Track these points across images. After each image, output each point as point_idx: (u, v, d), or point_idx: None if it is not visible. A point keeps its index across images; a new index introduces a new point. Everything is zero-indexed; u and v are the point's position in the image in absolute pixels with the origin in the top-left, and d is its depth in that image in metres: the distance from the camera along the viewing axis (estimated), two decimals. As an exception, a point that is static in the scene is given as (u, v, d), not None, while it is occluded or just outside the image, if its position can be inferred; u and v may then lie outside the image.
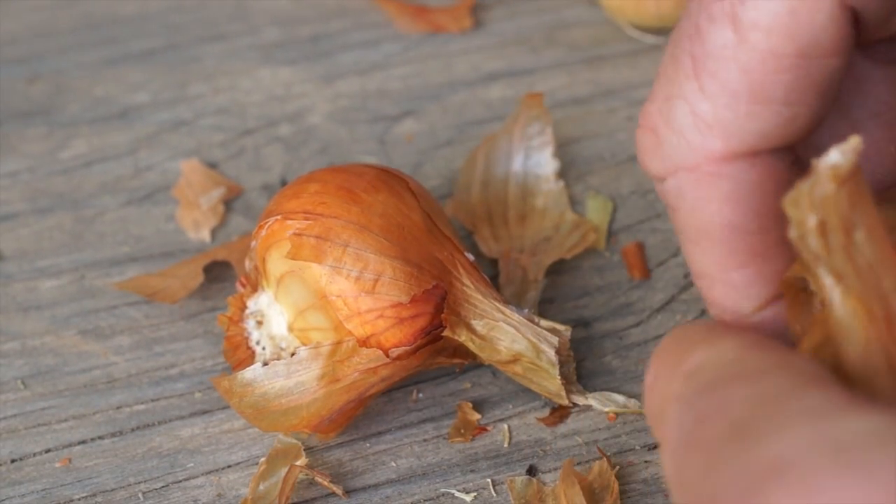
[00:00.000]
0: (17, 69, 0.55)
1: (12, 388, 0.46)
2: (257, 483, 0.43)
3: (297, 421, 0.42)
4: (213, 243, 0.50)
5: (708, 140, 0.35)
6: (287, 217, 0.42)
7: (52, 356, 0.47)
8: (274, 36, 0.56)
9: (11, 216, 0.51)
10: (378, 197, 0.43)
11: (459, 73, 0.54)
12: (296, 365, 0.42)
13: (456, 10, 0.56)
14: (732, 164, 0.35)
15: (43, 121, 0.53)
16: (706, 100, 0.34)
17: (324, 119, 0.53)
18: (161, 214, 0.50)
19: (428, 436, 0.44)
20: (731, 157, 0.35)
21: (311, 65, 0.55)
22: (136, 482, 0.44)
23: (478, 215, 0.49)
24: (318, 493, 0.43)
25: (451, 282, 0.42)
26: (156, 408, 0.45)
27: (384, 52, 0.55)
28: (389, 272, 0.42)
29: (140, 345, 0.47)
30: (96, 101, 0.54)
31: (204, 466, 0.44)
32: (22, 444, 0.45)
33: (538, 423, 0.44)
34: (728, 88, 0.34)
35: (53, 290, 0.48)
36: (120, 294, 0.48)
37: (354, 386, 0.42)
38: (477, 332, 0.43)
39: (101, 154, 0.52)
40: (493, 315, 0.43)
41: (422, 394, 0.45)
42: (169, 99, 0.54)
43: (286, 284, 0.43)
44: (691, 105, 0.34)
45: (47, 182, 0.51)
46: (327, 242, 0.42)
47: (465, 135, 0.52)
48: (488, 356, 0.43)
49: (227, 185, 0.51)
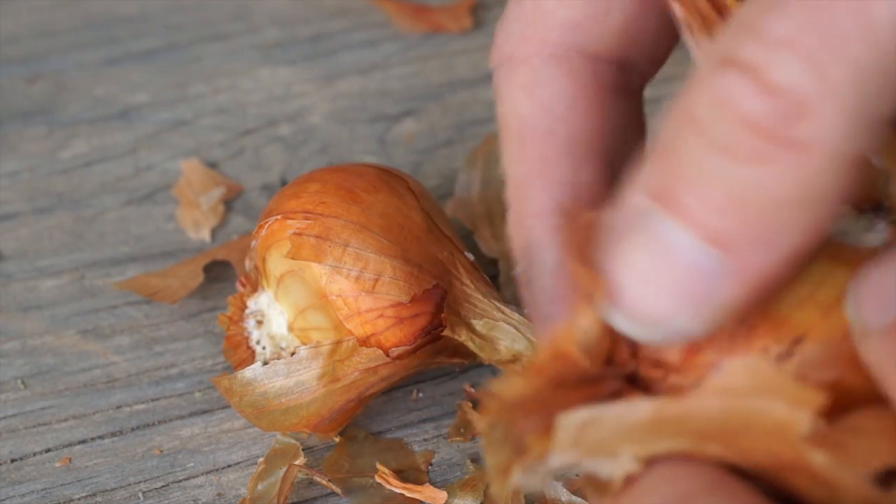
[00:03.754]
0: (17, 69, 0.55)
1: (12, 387, 0.46)
2: (256, 483, 0.43)
3: (296, 420, 0.42)
4: (213, 243, 0.50)
5: (527, 28, 0.35)
6: (287, 217, 0.42)
7: (52, 356, 0.47)
8: (274, 36, 0.56)
9: (11, 216, 0.51)
10: (378, 196, 0.43)
11: (459, 73, 0.54)
12: (296, 364, 0.42)
13: (456, 10, 0.56)
14: (539, 57, 0.35)
15: (43, 121, 0.53)
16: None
17: (324, 119, 0.53)
18: (161, 214, 0.50)
19: (428, 435, 0.44)
20: (542, 49, 0.35)
21: (311, 65, 0.55)
22: (136, 482, 0.44)
23: (478, 215, 0.49)
24: (318, 492, 0.43)
25: (451, 281, 0.42)
26: (156, 407, 0.45)
27: (384, 52, 0.55)
28: (389, 272, 0.42)
29: (140, 344, 0.47)
30: (96, 101, 0.54)
31: (204, 466, 0.44)
32: (22, 444, 0.45)
33: (538, 422, 0.44)
34: None
35: (53, 290, 0.48)
36: (120, 294, 0.48)
37: (354, 385, 0.42)
38: (477, 332, 0.43)
39: (101, 154, 0.52)
40: (493, 315, 0.43)
41: (422, 393, 0.45)
42: (169, 99, 0.54)
43: (286, 284, 0.43)
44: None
45: (47, 182, 0.51)
46: (327, 242, 0.42)
47: (465, 135, 0.52)
48: (488, 356, 0.43)
49: (227, 184, 0.51)
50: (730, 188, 0.28)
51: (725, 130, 0.28)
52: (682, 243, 0.29)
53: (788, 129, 0.28)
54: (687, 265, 0.29)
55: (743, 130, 0.28)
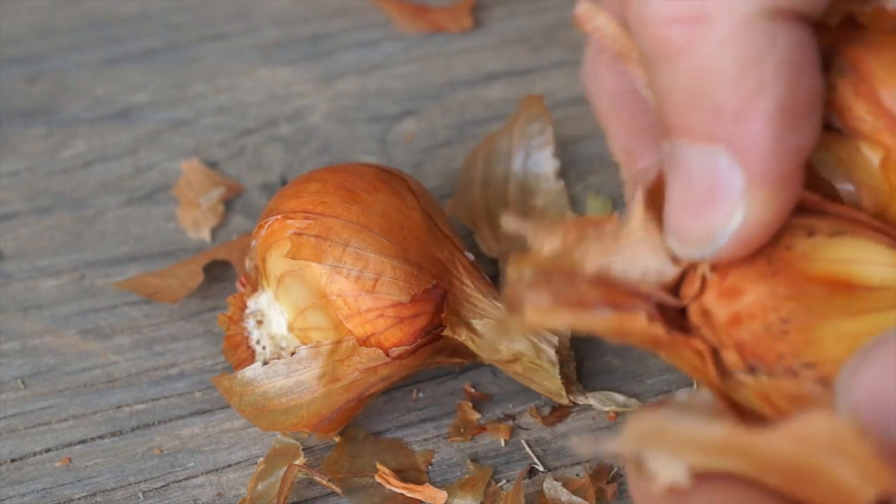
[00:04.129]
0: (17, 69, 0.55)
1: (12, 387, 0.46)
2: (256, 483, 0.43)
3: (296, 420, 0.42)
4: (213, 243, 0.50)
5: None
6: (287, 216, 0.42)
7: (52, 356, 0.47)
8: (274, 36, 0.56)
9: (11, 216, 0.51)
10: (378, 196, 0.43)
11: (459, 73, 0.54)
12: (296, 364, 0.42)
13: (456, 9, 0.56)
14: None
15: (43, 121, 0.53)
16: None
17: (324, 119, 0.53)
18: (161, 214, 0.50)
19: (428, 435, 0.44)
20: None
21: (311, 65, 0.55)
22: (136, 482, 0.44)
23: (478, 215, 0.49)
24: (318, 492, 0.43)
25: (451, 281, 0.42)
26: (156, 407, 0.45)
27: (384, 52, 0.55)
28: (389, 271, 0.42)
29: (140, 344, 0.47)
30: (96, 101, 0.54)
31: (204, 466, 0.44)
32: (22, 444, 0.45)
33: (538, 422, 0.44)
34: None
35: (53, 290, 0.48)
36: (120, 294, 0.48)
37: (354, 385, 0.42)
38: (477, 332, 0.43)
39: (101, 154, 0.52)
40: (493, 315, 0.43)
41: (422, 393, 0.45)
42: (169, 99, 0.54)
43: (286, 284, 0.43)
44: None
45: (47, 182, 0.51)
46: (327, 242, 0.42)
47: (465, 135, 0.52)
48: (488, 356, 0.43)
49: (227, 184, 0.51)
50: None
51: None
52: (692, 154, 0.34)
53: None
54: (712, 180, 0.34)
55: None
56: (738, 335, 0.35)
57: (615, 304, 0.34)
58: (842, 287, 0.35)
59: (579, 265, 0.34)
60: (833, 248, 0.35)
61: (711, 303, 0.35)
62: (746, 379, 0.35)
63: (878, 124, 0.36)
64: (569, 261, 0.34)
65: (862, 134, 0.36)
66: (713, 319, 0.35)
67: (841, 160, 0.37)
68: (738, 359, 0.35)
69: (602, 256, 0.35)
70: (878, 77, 0.36)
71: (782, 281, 0.35)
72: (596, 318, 0.34)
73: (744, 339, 0.35)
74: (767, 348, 0.35)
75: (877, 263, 0.35)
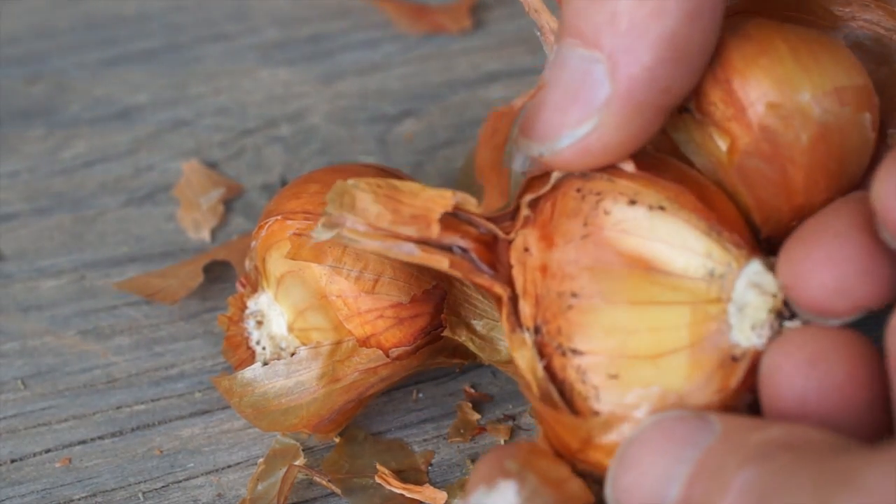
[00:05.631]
0: (17, 69, 0.55)
1: (12, 388, 0.46)
2: (256, 483, 0.43)
3: (296, 420, 0.42)
4: (213, 243, 0.50)
5: None
6: (287, 217, 0.42)
7: (52, 356, 0.47)
8: (274, 36, 0.56)
9: (11, 216, 0.51)
10: (378, 197, 0.43)
11: (459, 73, 0.54)
12: (296, 365, 0.42)
13: (456, 10, 0.56)
14: None
15: (43, 121, 0.53)
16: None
17: (324, 119, 0.53)
18: (161, 214, 0.50)
19: (428, 436, 0.44)
20: None
21: (311, 65, 0.55)
22: (136, 482, 0.44)
23: (478, 215, 0.49)
24: (318, 493, 0.43)
25: (450, 281, 0.42)
26: (156, 408, 0.45)
27: (384, 52, 0.55)
28: (389, 272, 0.42)
29: (140, 345, 0.47)
30: (96, 101, 0.54)
31: (204, 466, 0.44)
32: (22, 444, 0.45)
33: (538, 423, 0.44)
34: None
35: (53, 290, 0.48)
36: (120, 294, 0.48)
37: (354, 386, 0.42)
38: (477, 332, 0.43)
39: (101, 154, 0.52)
40: (493, 315, 0.43)
41: (422, 394, 0.45)
42: (169, 99, 0.54)
43: (286, 284, 0.43)
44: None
45: (47, 182, 0.51)
46: (327, 242, 0.42)
47: (465, 135, 0.52)
48: (488, 356, 0.43)
49: (227, 185, 0.51)
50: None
51: None
52: (574, 56, 0.36)
53: None
54: (580, 84, 0.36)
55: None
56: (540, 287, 0.36)
57: (425, 242, 0.37)
58: (642, 267, 0.36)
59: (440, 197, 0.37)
60: (646, 223, 0.36)
61: (533, 240, 0.37)
62: (529, 339, 0.36)
63: (728, 112, 0.36)
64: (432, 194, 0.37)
65: (714, 120, 0.36)
66: (529, 259, 0.37)
67: (697, 144, 0.38)
68: (532, 312, 0.36)
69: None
70: (735, 66, 0.36)
71: (589, 247, 0.36)
72: (402, 252, 0.37)
73: (542, 294, 0.36)
74: (553, 315, 0.36)
75: (684, 249, 0.36)
